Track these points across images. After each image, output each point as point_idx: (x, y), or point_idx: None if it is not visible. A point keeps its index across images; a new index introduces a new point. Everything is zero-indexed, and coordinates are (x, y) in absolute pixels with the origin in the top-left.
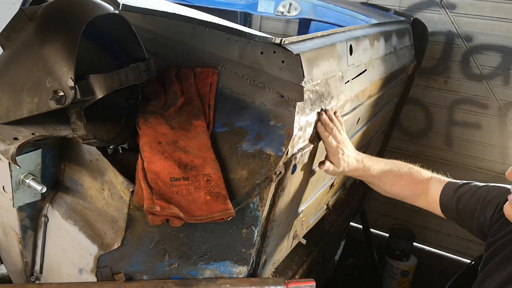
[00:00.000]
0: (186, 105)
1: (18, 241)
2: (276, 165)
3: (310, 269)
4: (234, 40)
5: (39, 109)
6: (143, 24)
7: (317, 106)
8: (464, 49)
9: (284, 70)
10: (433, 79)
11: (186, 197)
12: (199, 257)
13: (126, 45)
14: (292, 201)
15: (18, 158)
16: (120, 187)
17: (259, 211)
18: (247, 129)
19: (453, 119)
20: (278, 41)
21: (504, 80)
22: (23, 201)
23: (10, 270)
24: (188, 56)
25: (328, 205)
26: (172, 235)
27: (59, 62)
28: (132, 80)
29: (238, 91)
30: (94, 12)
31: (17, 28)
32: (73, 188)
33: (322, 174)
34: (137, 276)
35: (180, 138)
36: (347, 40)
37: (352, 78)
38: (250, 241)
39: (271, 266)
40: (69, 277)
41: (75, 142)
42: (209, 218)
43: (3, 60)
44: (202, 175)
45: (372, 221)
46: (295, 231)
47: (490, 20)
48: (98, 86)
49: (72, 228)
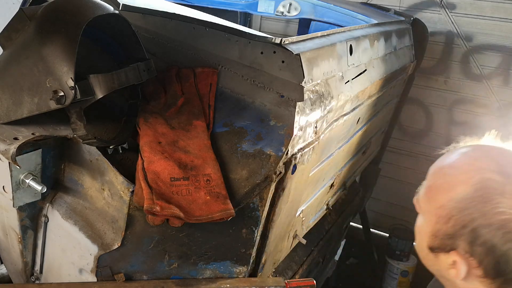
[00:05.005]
0: (186, 105)
1: (18, 241)
2: (276, 165)
3: (310, 269)
4: (234, 40)
5: (39, 109)
6: (143, 24)
7: (317, 106)
8: (464, 49)
9: (284, 70)
10: (433, 79)
11: (186, 197)
12: (199, 257)
13: (126, 45)
14: (292, 201)
15: (18, 158)
16: (120, 187)
17: (259, 211)
18: (247, 129)
19: (453, 119)
20: (278, 41)
21: (504, 80)
22: (23, 201)
23: (10, 270)
24: (188, 56)
25: (328, 205)
26: (172, 235)
27: (59, 62)
28: (132, 80)
29: (238, 91)
30: (94, 12)
31: (17, 28)
32: (73, 188)
33: (322, 174)
34: (137, 276)
35: (180, 138)
36: (347, 40)
37: (352, 78)
38: (250, 241)
39: (271, 266)
40: (69, 277)
41: (75, 142)
42: (209, 218)
43: (3, 60)
44: (202, 175)
45: (372, 221)
46: (295, 231)
47: (490, 20)
48: (98, 86)
49: (72, 228)
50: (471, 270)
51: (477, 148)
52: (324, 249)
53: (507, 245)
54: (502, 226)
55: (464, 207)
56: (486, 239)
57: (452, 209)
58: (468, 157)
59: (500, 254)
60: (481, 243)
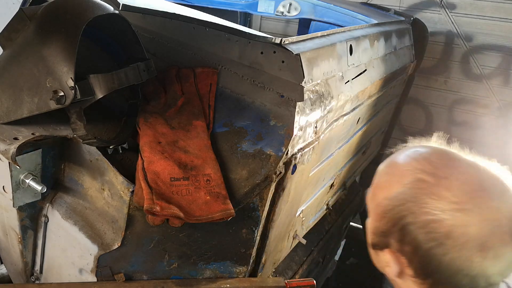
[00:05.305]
0: (186, 105)
1: (18, 241)
2: (276, 165)
3: (310, 269)
4: (234, 40)
5: (39, 109)
6: (143, 24)
7: (317, 106)
8: (464, 49)
9: (284, 70)
10: (433, 79)
11: (186, 197)
12: (199, 257)
13: (126, 45)
14: (292, 201)
15: (18, 158)
16: (120, 187)
17: (259, 211)
18: (247, 129)
19: (453, 119)
20: (278, 41)
21: (504, 80)
22: (23, 201)
23: (10, 270)
24: (188, 56)
25: (328, 205)
26: (172, 235)
27: (59, 62)
28: (132, 80)
29: (238, 91)
30: (94, 12)
31: (17, 28)
32: (73, 188)
33: (322, 174)
34: (137, 276)
35: (180, 138)
36: (347, 40)
37: (352, 78)
38: (250, 241)
39: (271, 266)
40: (69, 277)
41: (75, 142)
42: (209, 218)
43: (3, 60)
44: (202, 175)
45: None
46: (295, 231)
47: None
48: (98, 86)
49: (72, 228)
50: (403, 269)
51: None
52: (324, 249)
53: (429, 244)
54: (425, 225)
55: (396, 205)
56: (412, 237)
57: (385, 207)
58: (408, 157)
59: (423, 254)
60: (408, 241)
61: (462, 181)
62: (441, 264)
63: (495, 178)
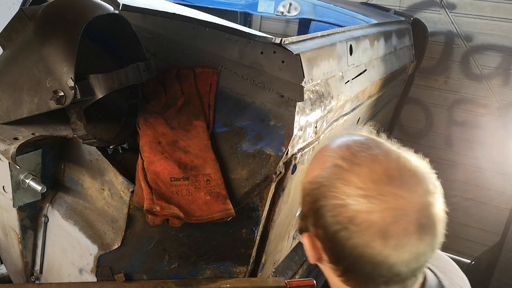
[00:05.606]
0: (186, 105)
1: (18, 241)
2: (276, 165)
3: (310, 269)
4: (234, 40)
5: (39, 109)
6: (143, 24)
7: (317, 106)
8: (464, 49)
9: (284, 70)
10: (433, 79)
11: (186, 197)
12: (199, 257)
13: (126, 45)
14: (292, 201)
15: (18, 158)
16: (120, 187)
17: (259, 211)
18: (247, 129)
19: (453, 119)
20: (278, 41)
21: (504, 80)
22: (23, 201)
23: (10, 270)
24: (188, 56)
25: None
26: (172, 235)
27: (59, 62)
28: (132, 80)
29: (238, 91)
30: (94, 12)
31: (17, 28)
32: (73, 188)
33: None
34: (137, 276)
35: (180, 138)
36: (347, 40)
37: (352, 78)
38: (250, 241)
39: (271, 266)
40: (69, 277)
41: (75, 142)
42: (209, 218)
43: (3, 60)
44: (202, 175)
45: None
46: (295, 231)
47: (490, 20)
48: (98, 86)
49: (72, 228)
50: (321, 254)
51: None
52: None
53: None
54: (333, 209)
55: (313, 188)
56: (323, 221)
57: (305, 190)
58: (335, 144)
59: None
60: (320, 225)
61: (372, 169)
62: (345, 248)
63: (411, 170)
